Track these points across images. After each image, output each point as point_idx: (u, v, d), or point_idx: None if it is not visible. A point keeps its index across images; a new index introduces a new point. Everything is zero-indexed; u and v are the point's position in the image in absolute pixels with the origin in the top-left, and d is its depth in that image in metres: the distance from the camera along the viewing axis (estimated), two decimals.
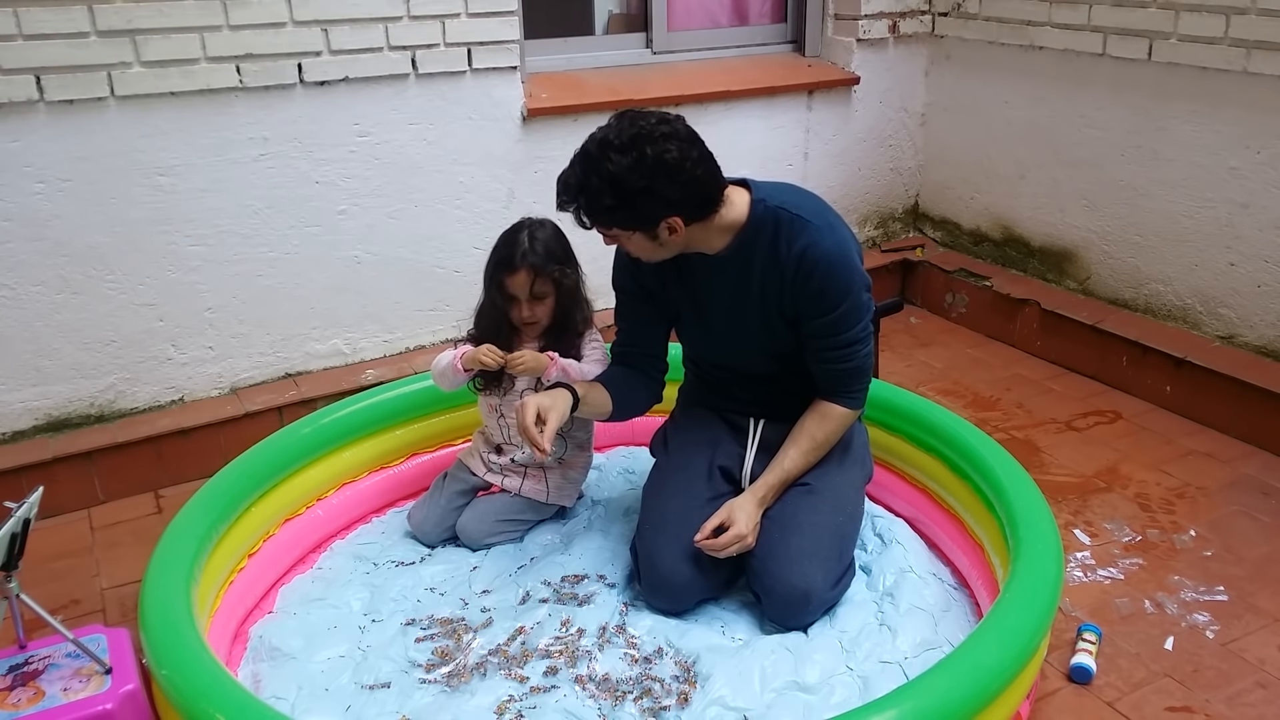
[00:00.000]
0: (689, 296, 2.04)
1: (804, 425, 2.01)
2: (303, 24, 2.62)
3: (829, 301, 1.89)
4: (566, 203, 1.82)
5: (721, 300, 1.99)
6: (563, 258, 2.18)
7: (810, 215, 1.89)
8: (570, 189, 1.80)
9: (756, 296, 1.95)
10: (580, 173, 1.78)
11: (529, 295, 2.15)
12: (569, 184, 1.80)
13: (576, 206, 1.81)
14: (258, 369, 2.87)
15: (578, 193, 1.79)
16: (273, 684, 1.84)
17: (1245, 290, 2.85)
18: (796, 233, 1.87)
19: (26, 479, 2.47)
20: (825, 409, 2.00)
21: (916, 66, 3.70)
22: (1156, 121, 2.98)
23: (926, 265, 3.73)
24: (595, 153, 1.76)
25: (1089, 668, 1.88)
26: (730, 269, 1.94)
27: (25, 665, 1.75)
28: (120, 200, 2.56)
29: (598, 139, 1.78)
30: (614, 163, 1.73)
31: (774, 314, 1.95)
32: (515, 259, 2.13)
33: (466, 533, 2.24)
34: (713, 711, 1.73)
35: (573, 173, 1.80)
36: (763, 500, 1.98)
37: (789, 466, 1.99)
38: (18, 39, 2.33)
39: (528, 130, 3.02)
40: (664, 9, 3.35)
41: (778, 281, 1.91)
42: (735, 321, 2.00)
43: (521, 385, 2.24)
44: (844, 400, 2.00)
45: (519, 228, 2.18)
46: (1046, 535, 1.83)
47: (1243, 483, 2.55)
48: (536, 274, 2.13)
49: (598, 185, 1.75)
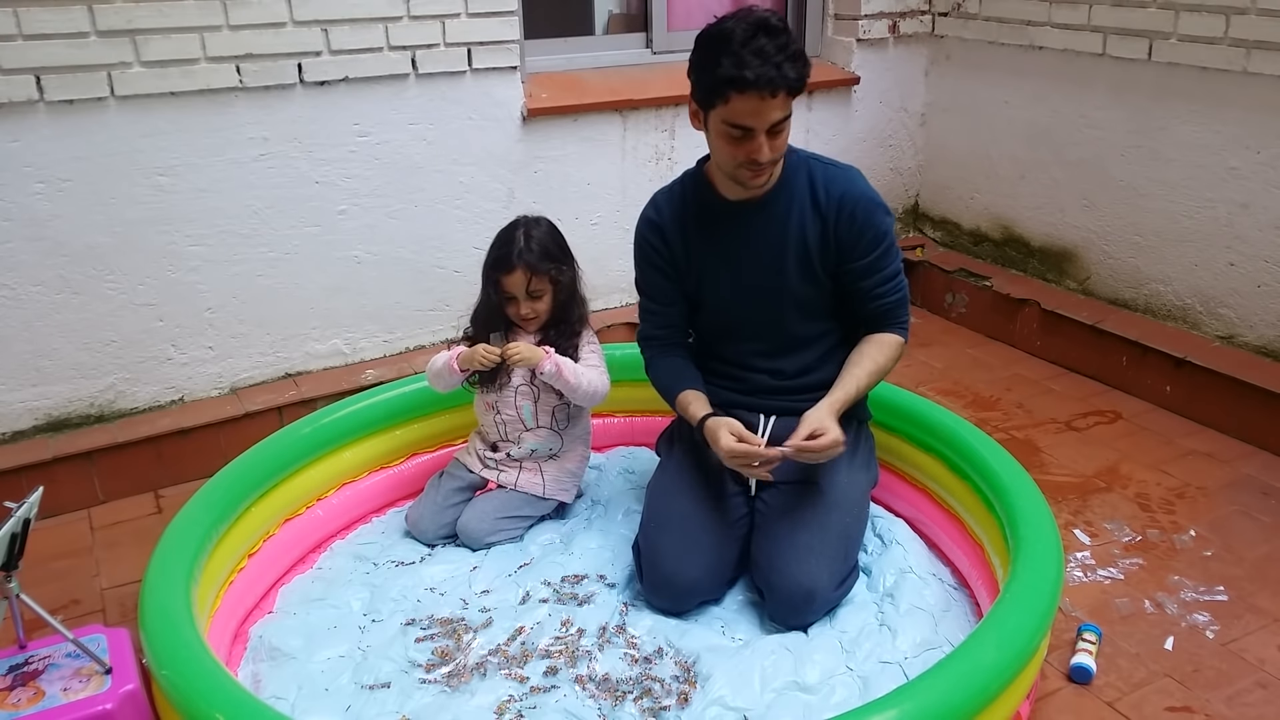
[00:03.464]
0: (719, 252, 2.04)
1: (864, 350, 2.03)
2: (303, 24, 2.62)
3: (873, 239, 1.97)
4: (790, 71, 1.75)
5: (755, 249, 2.01)
6: (558, 255, 2.18)
7: (835, 163, 2.02)
8: (781, 55, 1.74)
9: (795, 242, 1.99)
10: (778, 37, 1.75)
11: (525, 294, 2.16)
12: (771, 55, 1.73)
13: (799, 71, 1.77)
14: (258, 369, 2.87)
15: (794, 52, 1.76)
16: (273, 684, 1.84)
17: (1245, 290, 2.85)
18: (833, 178, 1.98)
19: (26, 479, 2.47)
20: (881, 337, 2.05)
21: (916, 66, 3.70)
22: (1156, 121, 2.98)
23: (926, 265, 3.73)
24: (761, 18, 1.77)
25: (1089, 668, 1.88)
26: (767, 213, 1.98)
27: (25, 665, 1.75)
28: (120, 200, 2.56)
29: (749, 20, 1.76)
30: (773, 19, 1.77)
31: (814, 260, 2.00)
32: (511, 258, 2.14)
33: (467, 532, 2.24)
34: (713, 711, 1.73)
35: (765, 40, 1.74)
36: (836, 411, 1.95)
37: (855, 384, 1.98)
38: (18, 39, 2.33)
39: (528, 130, 3.02)
40: (664, 9, 3.35)
41: (819, 228, 1.98)
42: (769, 269, 2.02)
43: (517, 381, 2.24)
44: (897, 329, 2.06)
45: (514, 226, 2.19)
46: (1046, 535, 1.83)
47: (1243, 483, 2.55)
48: (533, 273, 2.14)
49: (797, 48, 1.77)
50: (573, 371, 2.18)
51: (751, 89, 1.74)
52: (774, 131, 1.82)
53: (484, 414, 2.32)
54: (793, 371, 2.08)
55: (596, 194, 3.20)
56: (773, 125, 1.80)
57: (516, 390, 2.26)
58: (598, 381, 2.24)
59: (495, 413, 2.29)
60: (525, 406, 2.27)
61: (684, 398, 2.07)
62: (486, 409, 2.30)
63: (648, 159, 3.24)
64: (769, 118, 1.79)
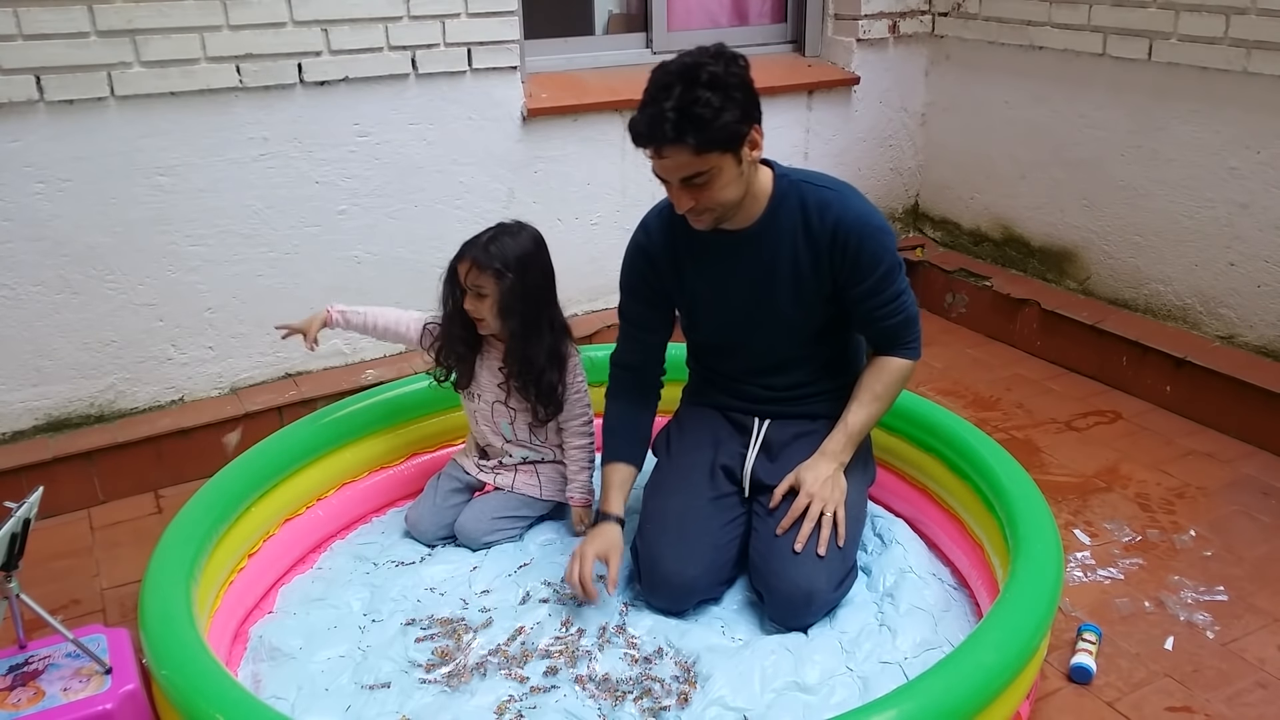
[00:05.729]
0: (709, 280, 2.02)
1: (863, 380, 2.03)
2: (303, 24, 2.62)
3: (869, 264, 1.91)
4: (669, 130, 1.70)
5: (746, 278, 1.99)
6: (514, 265, 2.09)
7: (830, 184, 1.94)
8: (670, 111, 1.70)
9: (787, 271, 1.95)
10: (681, 90, 1.69)
11: (467, 286, 2.13)
12: (663, 108, 1.69)
13: (680, 128, 1.70)
14: (258, 369, 2.87)
15: (685, 108, 1.69)
16: (273, 684, 1.84)
17: (1245, 290, 2.85)
18: (826, 203, 1.91)
19: (26, 479, 2.47)
20: (882, 362, 2.03)
21: (916, 66, 3.70)
22: (1156, 121, 2.98)
23: (926, 265, 3.73)
24: (690, 65, 1.72)
25: (1089, 668, 1.88)
26: (758, 243, 1.94)
27: (25, 665, 1.75)
28: (120, 200, 2.56)
29: (678, 65, 1.73)
30: (708, 69, 1.71)
31: (808, 289, 1.96)
32: (465, 248, 2.13)
33: (465, 532, 2.24)
34: (713, 711, 1.73)
35: (666, 95, 1.70)
36: (834, 456, 1.97)
37: (851, 420, 2.00)
38: (18, 39, 2.33)
39: (528, 130, 3.02)
40: (664, 9, 3.35)
41: (812, 256, 1.93)
42: (760, 299, 1.99)
43: (491, 398, 2.24)
44: (901, 352, 2.02)
45: (496, 225, 2.16)
46: (1046, 535, 1.83)
47: (1243, 483, 2.55)
48: (476, 267, 2.09)
49: (703, 95, 1.69)
50: (587, 476, 2.25)
51: (640, 143, 1.74)
52: (691, 184, 1.77)
53: (471, 424, 2.33)
54: (785, 386, 2.08)
55: (596, 194, 3.20)
56: (683, 180, 1.76)
57: (492, 407, 2.25)
58: (590, 438, 2.26)
59: (477, 425, 2.31)
60: (503, 424, 2.27)
61: (608, 472, 2.11)
62: (471, 421, 2.32)
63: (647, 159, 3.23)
64: (674, 171, 1.76)
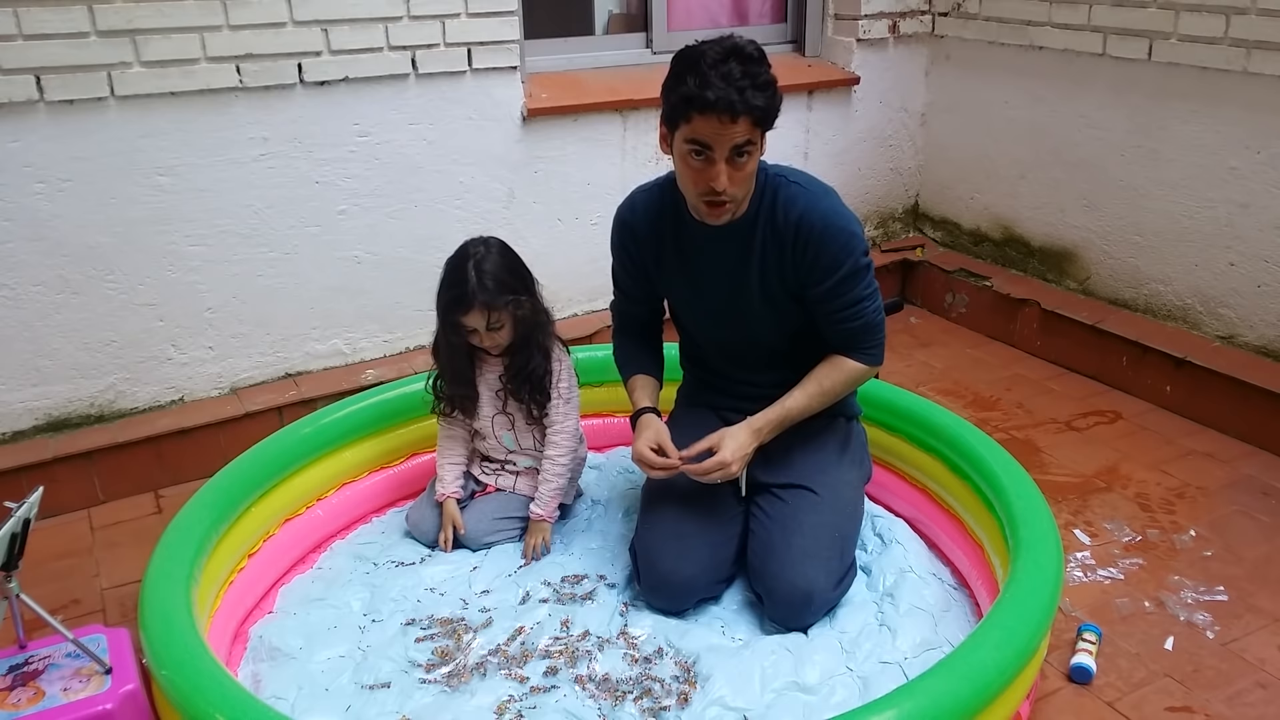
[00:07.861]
0: (686, 274, 2.02)
1: (814, 372, 2.01)
2: (303, 24, 2.62)
3: (829, 265, 1.88)
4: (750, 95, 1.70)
5: (719, 274, 1.98)
6: (514, 284, 2.09)
7: (805, 182, 1.91)
8: (743, 79, 1.69)
9: (756, 268, 1.93)
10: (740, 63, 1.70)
11: (486, 328, 2.10)
12: (734, 77, 1.69)
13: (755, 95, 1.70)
14: (258, 369, 2.87)
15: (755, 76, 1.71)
16: (273, 684, 1.84)
17: (1245, 290, 2.85)
18: (793, 198, 1.88)
19: (26, 479, 2.47)
20: (837, 360, 2.00)
21: (916, 66, 3.70)
22: (1156, 121, 2.98)
23: (926, 265, 3.73)
24: (735, 44, 1.73)
25: (1089, 668, 1.88)
26: (730, 239, 1.93)
27: (25, 665, 1.75)
28: (120, 200, 2.56)
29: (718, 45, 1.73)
30: (751, 47, 1.73)
31: (775, 286, 1.94)
32: (467, 298, 2.06)
33: (465, 533, 2.24)
34: (713, 712, 1.73)
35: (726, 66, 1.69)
36: (758, 432, 1.96)
37: (790, 405, 1.98)
38: (18, 39, 2.33)
39: (528, 130, 3.02)
40: (664, 9, 3.35)
41: (777, 252, 1.91)
42: (735, 296, 1.99)
43: (490, 411, 2.25)
44: (858, 356, 1.99)
45: (464, 257, 2.09)
46: (1046, 535, 1.83)
47: (1243, 483, 2.55)
48: (490, 310, 2.07)
49: (764, 69, 1.72)
50: (557, 491, 2.23)
51: (711, 110, 1.70)
52: (736, 159, 1.76)
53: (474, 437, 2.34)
54: (772, 384, 2.06)
55: (596, 194, 3.19)
56: (734, 150, 1.75)
57: (493, 420, 2.26)
58: (572, 451, 2.25)
59: (480, 438, 2.32)
60: (505, 436, 2.28)
61: (632, 383, 2.12)
62: (473, 434, 2.33)
63: (648, 159, 3.24)
64: (729, 140, 1.74)
